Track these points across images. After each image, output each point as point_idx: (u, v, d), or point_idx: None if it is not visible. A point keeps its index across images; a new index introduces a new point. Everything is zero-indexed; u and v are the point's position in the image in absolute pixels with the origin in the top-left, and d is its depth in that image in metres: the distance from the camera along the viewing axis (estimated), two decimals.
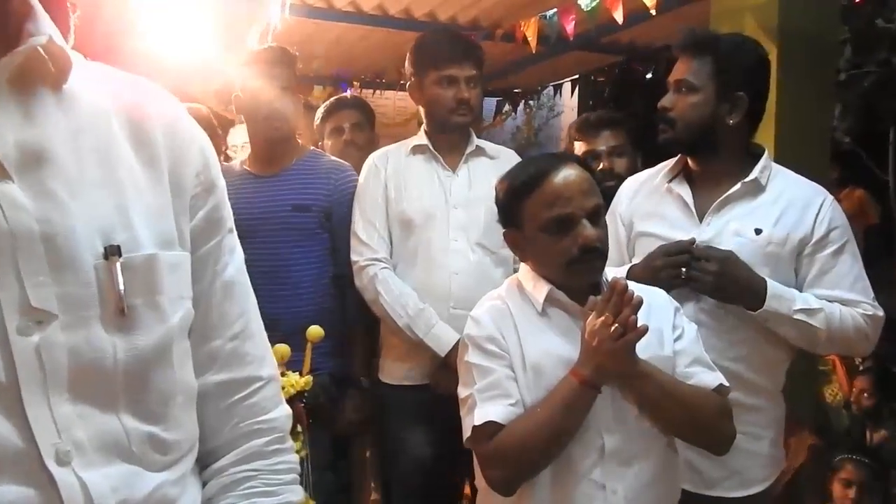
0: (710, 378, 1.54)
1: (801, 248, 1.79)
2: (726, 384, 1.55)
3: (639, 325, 1.41)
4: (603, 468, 1.46)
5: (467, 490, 2.49)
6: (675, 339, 1.57)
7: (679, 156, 1.94)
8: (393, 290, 2.16)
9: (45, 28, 0.67)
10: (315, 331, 1.97)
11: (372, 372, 2.35)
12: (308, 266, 2.28)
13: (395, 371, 2.27)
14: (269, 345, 0.87)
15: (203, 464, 0.79)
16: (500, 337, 1.53)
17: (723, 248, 1.79)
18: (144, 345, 0.68)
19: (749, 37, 1.97)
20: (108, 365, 0.65)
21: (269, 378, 0.83)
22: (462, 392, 1.55)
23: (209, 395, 0.79)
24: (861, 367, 3.43)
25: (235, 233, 0.84)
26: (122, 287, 0.66)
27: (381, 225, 2.23)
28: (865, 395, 3.19)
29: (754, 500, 1.84)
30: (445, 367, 2.10)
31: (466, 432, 1.51)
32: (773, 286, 1.73)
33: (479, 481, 1.60)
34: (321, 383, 2.22)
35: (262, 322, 0.86)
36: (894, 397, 3.25)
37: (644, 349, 1.46)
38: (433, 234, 2.21)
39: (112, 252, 0.66)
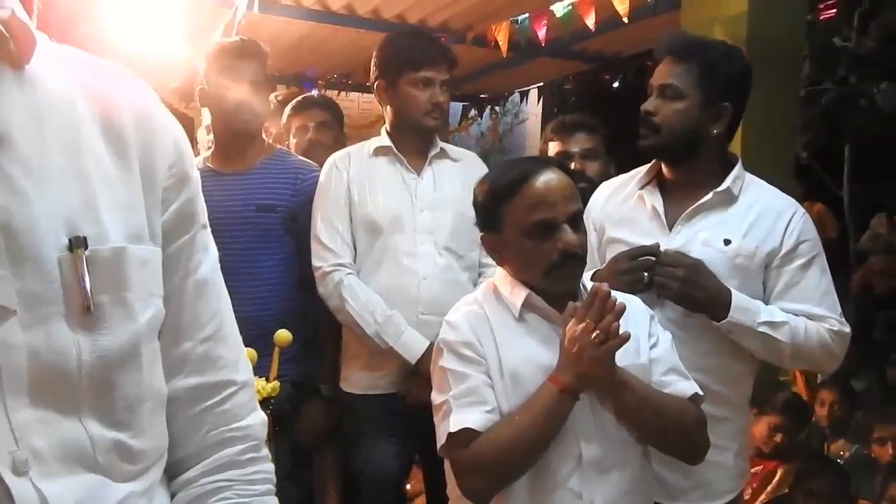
0: (686, 387, 1.53)
1: (769, 261, 1.77)
2: (701, 393, 1.54)
3: (620, 332, 1.39)
4: (580, 477, 1.44)
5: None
6: (651, 347, 1.56)
7: (653, 162, 1.92)
8: (360, 297, 2.09)
9: (6, 1, 0.61)
10: (283, 335, 1.91)
11: (336, 380, 2.29)
12: (272, 268, 2.21)
13: (360, 380, 2.20)
14: (243, 348, 0.82)
15: (172, 474, 0.74)
16: (477, 342, 1.49)
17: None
18: (111, 345, 0.63)
19: (735, 46, 1.94)
20: (72, 367, 0.60)
21: (243, 383, 0.78)
22: (437, 398, 1.51)
23: (179, 400, 0.73)
24: (819, 380, 3.48)
25: (209, 229, 0.80)
26: (87, 282, 0.61)
27: (344, 229, 2.16)
28: (836, 406, 3.23)
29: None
30: (416, 375, 2.05)
31: (441, 439, 1.47)
32: (738, 297, 1.70)
33: (452, 490, 1.56)
34: (284, 391, 2.16)
35: (236, 324, 0.81)
36: (857, 409, 3.31)
37: (621, 357, 1.44)
38: (400, 238, 2.15)
39: (77, 244, 0.61)
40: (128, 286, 0.65)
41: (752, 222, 1.78)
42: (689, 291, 1.71)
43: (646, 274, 1.73)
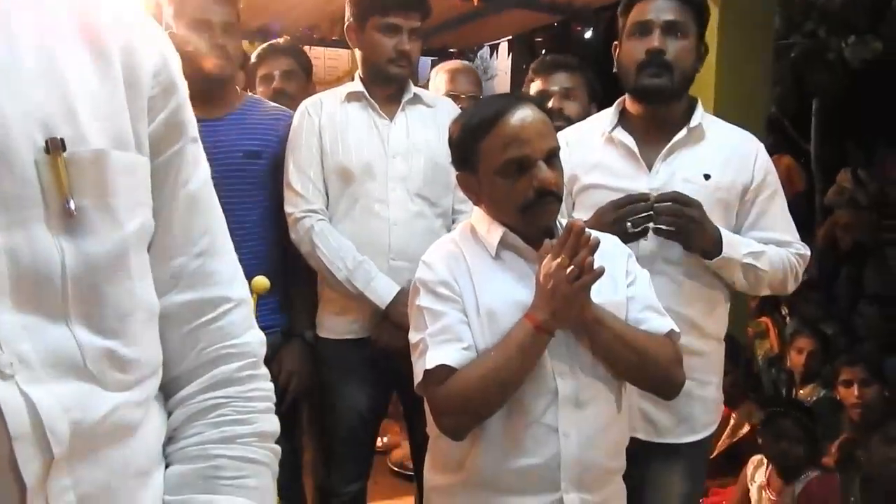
0: (662, 323, 1.54)
1: (743, 193, 1.83)
2: (677, 330, 1.55)
3: (594, 267, 1.39)
4: (556, 412, 1.44)
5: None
6: (628, 285, 1.56)
7: (617, 103, 1.92)
8: (331, 243, 2.08)
9: None
10: (261, 282, 1.89)
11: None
12: (259, 217, 2.16)
13: (333, 326, 2.20)
14: (239, 266, 0.79)
15: (168, 392, 0.72)
16: (453, 281, 1.49)
17: None
18: (96, 251, 0.60)
19: None
20: (55, 271, 0.57)
21: (239, 300, 0.75)
22: (413, 337, 1.51)
23: (173, 316, 0.71)
24: (789, 328, 3.55)
25: (201, 145, 0.76)
26: (67, 185, 0.58)
27: (315, 175, 2.13)
28: (813, 355, 3.29)
29: (702, 444, 1.87)
30: (387, 321, 2.06)
31: (417, 377, 1.47)
32: (725, 233, 1.75)
33: (431, 429, 1.56)
34: (273, 343, 2.15)
35: (231, 242, 0.78)
36: (830, 358, 3.40)
37: (597, 294, 1.45)
38: (371, 185, 2.13)
39: (55, 146, 0.58)
40: (112, 192, 0.62)
41: (726, 158, 1.83)
42: (696, 230, 1.72)
43: (629, 224, 1.74)
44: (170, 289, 0.71)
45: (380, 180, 2.13)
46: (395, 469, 3.68)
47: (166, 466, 0.67)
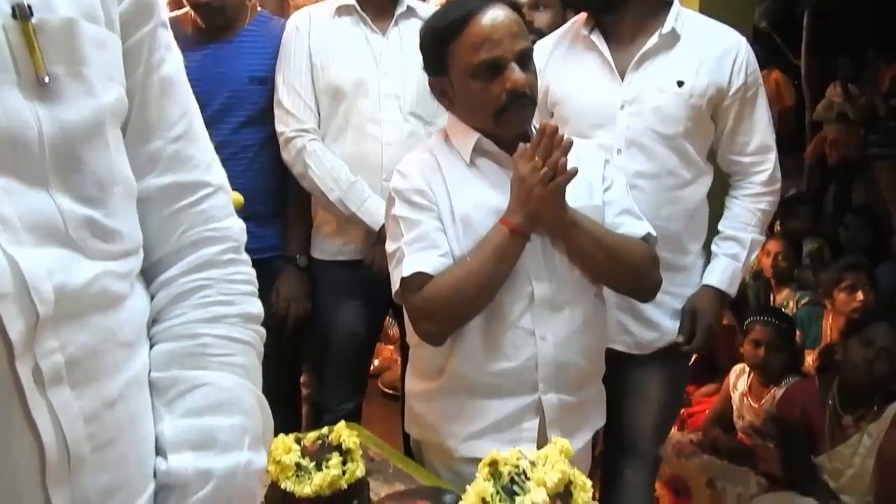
0: (639, 227, 1.54)
1: (720, 98, 1.80)
2: (654, 233, 1.56)
3: (568, 168, 1.38)
4: (532, 315, 1.46)
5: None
6: (605, 190, 1.56)
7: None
8: (323, 164, 2.05)
9: None
10: (234, 197, 1.87)
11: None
12: (262, 144, 2.13)
13: (327, 247, 2.19)
14: (215, 154, 0.78)
15: (150, 276, 0.71)
16: (428, 189, 1.48)
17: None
18: (72, 118, 0.59)
19: None
20: (32, 136, 0.56)
21: (218, 186, 0.75)
22: (390, 246, 1.51)
23: (152, 200, 0.70)
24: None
25: (170, 31, 0.75)
26: (38, 52, 0.57)
27: (306, 93, 2.08)
28: (780, 257, 3.33)
29: (680, 353, 1.89)
30: (380, 243, 2.03)
31: (395, 285, 1.48)
32: (716, 283, 1.87)
33: (411, 337, 1.58)
34: (278, 268, 2.15)
35: (206, 131, 0.77)
36: (805, 264, 3.44)
37: (574, 199, 1.44)
38: (364, 103, 2.08)
39: (23, 13, 0.56)
40: (84, 61, 0.61)
41: (702, 60, 1.79)
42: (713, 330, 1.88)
43: None
44: (147, 172, 0.70)
45: (372, 98, 2.08)
46: (387, 391, 3.73)
47: (151, 347, 0.67)
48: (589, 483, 0.89)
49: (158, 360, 0.66)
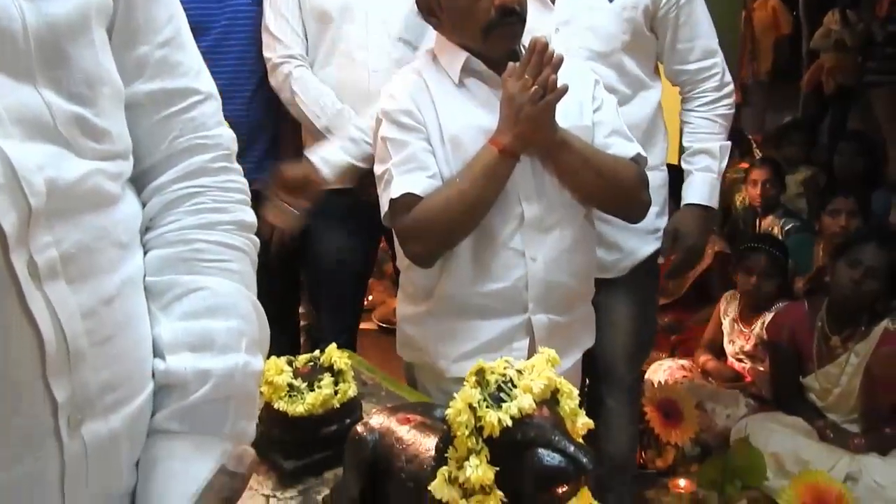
0: (629, 148, 1.53)
1: (654, 8, 1.78)
2: (643, 154, 1.55)
3: (558, 86, 1.36)
4: (522, 236, 1.46)
5: None
6: (595, 110, 1.54)
7: None
8: (310, 90, 2.01)
9: None
10: None
11: None
12: (252, 66, 2.08)
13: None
14: (203, 63, 0.76)
15: (141, 184, 0.70)
16: (416, 110, 1.46)
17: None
18: (56, 12, 0.57)
19: None
20: (16, 28, 0.54)
21: (208, 94, 0.73)
22: (378, 168, 1.49)
23: (140, 106, 0.68)
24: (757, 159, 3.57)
25: None
26: None
27: (293, 18, 2.03)
28: (767, 185, 3.32)
29: (642, 267, 1.90)
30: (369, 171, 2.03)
31: (384, 207, 1.47)
32: (697, 198, 1.86)
33: (401, 260, 1.58)
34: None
35: (193, 40, 0.75)
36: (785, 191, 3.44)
37: (564, 119, 1.42)
38: (350, 28, 2.03)
39: None
40: None
41: None
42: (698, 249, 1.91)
43: None
44: (135, 78, 0.68)
45: (359, 23, 2.02)
46: (382, 325, 3.77)
47: (145, 254, 0.66)
48: (575, 391, 0.90)
49: (153, 265, 0.65)
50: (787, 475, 2.09)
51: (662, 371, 2.82)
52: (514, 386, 0.84)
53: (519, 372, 0.86)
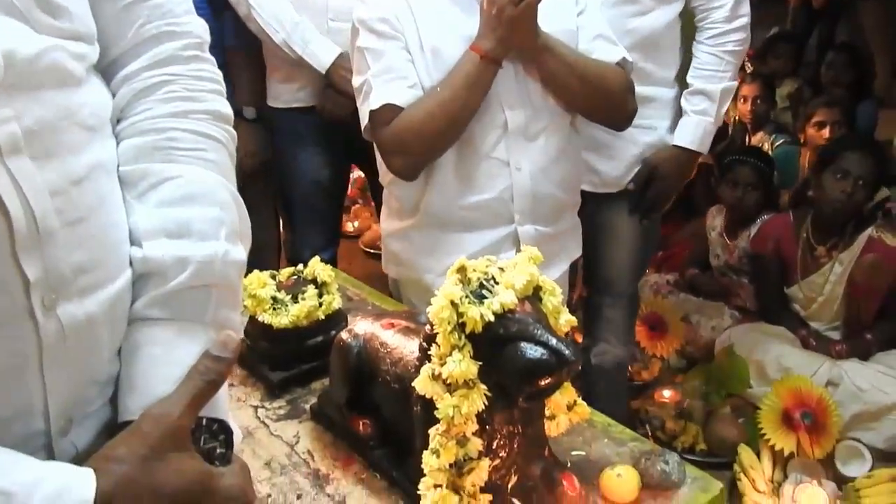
0: (613, 52, 1.49)
1: None
2: (629, 58, 1.51)
3: None
4: (506, 144, 1.43)
5: None
6: (578, 14, 1.49)
7: None
8: (266, 4, 1.95)
9: None
10: None
11: (256, 100, 2.20)
12: None
13: (280, 93, 2.13)
14: None
15: (110, 74, 0.67)
16: (394, 17, 1.41)
17: None
18: None
19: None
20: None
21: None
22: (356, 80, 1.45)
23: None
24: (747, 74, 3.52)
25: None
26: None
27: None
28: (758, 100, 3.29)
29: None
30: (330, 88, 1.98)
31: (364, 120, 1.44)
32: (687, 142, 1.82)
33: (383, 175, 1.56)
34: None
35: None
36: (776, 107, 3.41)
37: (547, 22, 1.38)
38: None
39: None
40: None
41: None
42: (671, 187, 1.88)
43: None
44: None
45: None
46: (368, 251, 3.76)
47: (118, 144, 0.64)
48: (559, 289, 0.89)
49: (126, 154, 0.63)
50: (770, 382, 2.13)
51: (648, 286, 2.84)
52: (497, 283, 0.83)
53: (501, 269, 0.85)
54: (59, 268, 0.52)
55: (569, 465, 1.00)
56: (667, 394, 2.36)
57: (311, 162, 2.14)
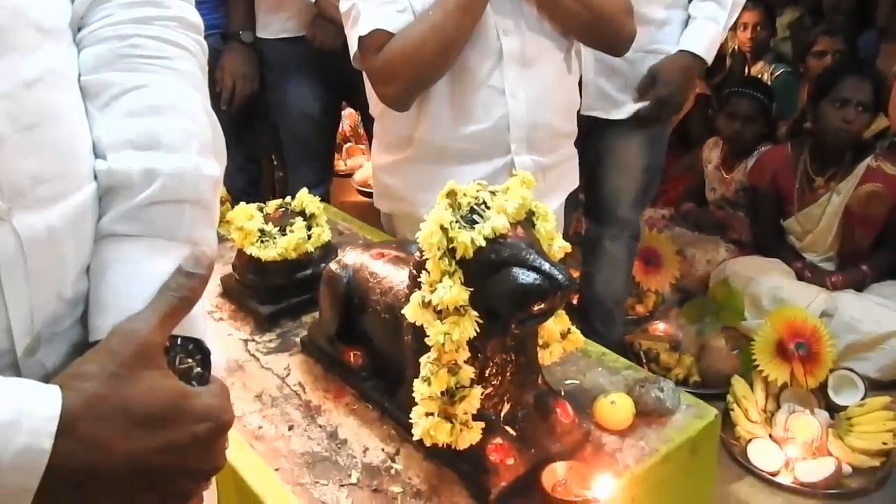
0: None
1: None
2: None
3: None
4: (502, 72, 1.38)
5: None
6: None
7: None
8: None
9: None
10: None
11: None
12: None
13: (269, 24, 2.08)
14: None
15: None
16: None
17: None
18: None
19: None
20: None
21: None
22: (343, 4, 1.39)
23: None
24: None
25: None
26: None
27: None
28: (758, 27, 3.21)
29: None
30: (319, 17, 1.93)
31: (353, 48, 1.38)
32: (693, 46, 1.77)
33: (374, 106, 1.51)
34: (214, 45, 2.03)
35: None
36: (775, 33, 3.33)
37: None
38: None
39: None
40: None
41: None
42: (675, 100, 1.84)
43: None
44: None
45: None
46: (361, 189, 3.73)
47: (79, 53, 0.59)
48: (552, 213, 0.87)
49: (87, 63, 0.59)
50: (765, 314, 2.13)
51: (644, 220, 2.81)
52: (488, 207, 0.80)
53: (492, 193, 0.82)
54: (12, 175, 0.49)
55: (562, 393, 0.99)
56: (661, 327, 2.36)
57: (301, 95, 2.10)
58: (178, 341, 0.51)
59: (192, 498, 0.49)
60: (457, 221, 0.79)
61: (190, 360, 0.51)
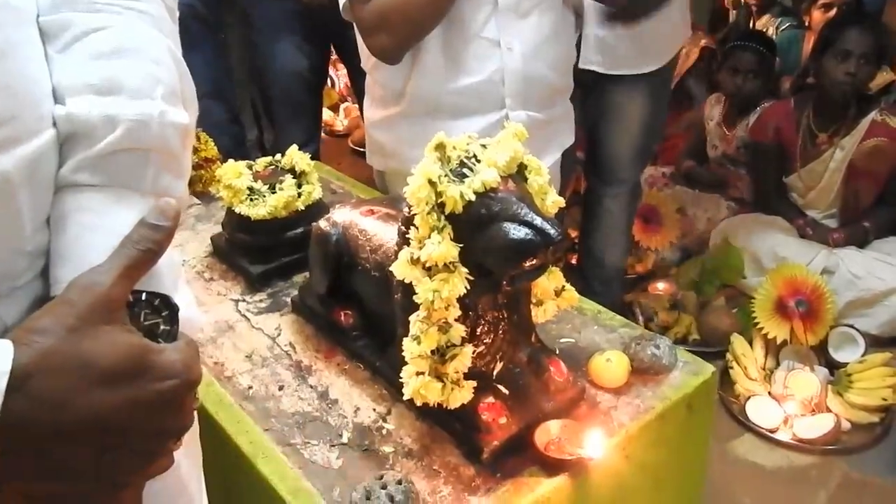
0: None
1: None
2: None
3: None
4: (497, 22, 1.34)
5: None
6: None
7: None
8: None
9: None
10: None
11: None
12: None
13: None
14: None
15: None
16: None
17: None
18: None
19: None
20: None
21: None
22: None
23: None
24: None
25: None
26: None
27: None
28: None
29: (661, 73, 1.80)
30: None
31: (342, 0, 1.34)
32: None
33: (366, 61, 1.47)
34: None
35: None
36: None
37: None
38: None
39: None
40: None
41: None
42: None
43: None
44: None
45: None
46: (357, 149, 3.69)
47: None
48: (545, 167, 0.84)
49: (45, 2, 0.55)
50: (765, 272, 2.11)
51: (644, 179, 2.77)
52: (478, 161, 0.77)
53: (483, 146, 0.79)
54: None
55: (557, 351, 0.97)
56: (661, 286, 2.34)
57: (289, 52, 2.06)
58: (143, 296, 0.49)
59: (161, 458, 0.47)
60: (446, 175, 0.76)
61: (155, 317, 0.48)
